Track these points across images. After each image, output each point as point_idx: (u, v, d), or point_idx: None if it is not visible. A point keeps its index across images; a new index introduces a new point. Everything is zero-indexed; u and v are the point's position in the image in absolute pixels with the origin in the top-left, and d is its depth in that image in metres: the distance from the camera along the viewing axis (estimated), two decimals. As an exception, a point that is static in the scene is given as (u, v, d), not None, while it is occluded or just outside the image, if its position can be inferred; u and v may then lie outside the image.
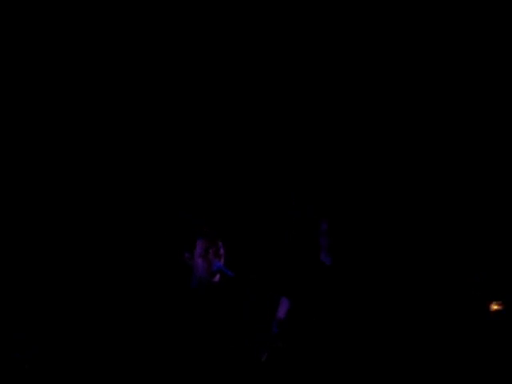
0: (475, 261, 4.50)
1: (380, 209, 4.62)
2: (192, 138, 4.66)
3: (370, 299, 3.97)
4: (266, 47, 4.60)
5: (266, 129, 4.70)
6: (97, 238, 4.45)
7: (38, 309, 4.28)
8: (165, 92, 4.62)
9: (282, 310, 4.08)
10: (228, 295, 3.65)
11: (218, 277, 3.65)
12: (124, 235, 4.50)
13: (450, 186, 4.62)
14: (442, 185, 4.63)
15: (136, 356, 4.01)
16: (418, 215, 4.59)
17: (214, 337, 3.55)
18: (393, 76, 4.64)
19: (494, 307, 4.29)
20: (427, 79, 4.63)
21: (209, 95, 4.65)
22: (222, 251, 3.68)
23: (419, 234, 4.57)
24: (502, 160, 4.57)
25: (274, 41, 4.59)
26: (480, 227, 4.55)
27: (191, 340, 3.56)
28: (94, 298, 4.38)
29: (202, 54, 4.60)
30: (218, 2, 4.51)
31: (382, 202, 4.63)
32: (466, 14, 4.48)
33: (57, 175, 4.48)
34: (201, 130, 4.66)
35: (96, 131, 4.54)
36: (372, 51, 4.60)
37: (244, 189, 4.71)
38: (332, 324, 3.92)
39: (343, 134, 4.70)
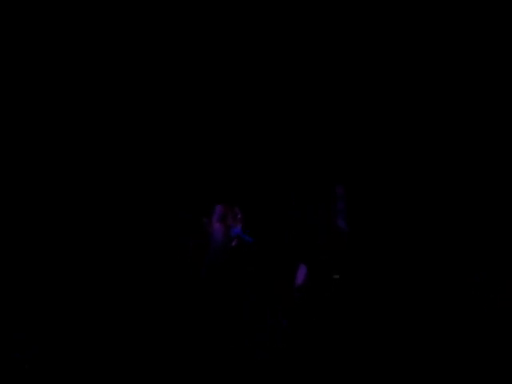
0: (475, 261, 4.50)
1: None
2: (192, 138, 4.66)
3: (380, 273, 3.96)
4: (266, 47, 4.61)
5: (266, 129, 4.70)
6: (97, 237, 4.45)
7: (38, 308, 4.27)
8: (165, 92, 4.62)
9: (300, 277, 4.05)
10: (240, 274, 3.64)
11: (235, 242, 3.63)
12: (125, 226, 4.51)
13: (451, 186, 4.62)
14: (442, 185, 4.63)
15: (136, 355, 4.01)
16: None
17: (219, 329, 3.55)
18: (393, 76, 4.65)
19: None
20: (427, 80, 4.63)
21: (209, 95, 4.65)
22: (239, 216, 3.66)
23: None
24: (502, 160, 4.57)
25: (274, 41, 4.60)
26: (480, 227, 4.55)
27: (192, 337, 3.56)
28: (95, 298, 4.37)
29: (202, 54, 4.61)
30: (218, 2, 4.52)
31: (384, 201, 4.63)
32: (466, 14, 4.48)
33: (57, 175, 4.48)
34: (201, 130, 4.66)
35: (96, 131, 4.54)
36: (372, 51, 4.60)
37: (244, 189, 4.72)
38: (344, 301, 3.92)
39: (343, 134, 4.70)
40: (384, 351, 4.09)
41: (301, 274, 4.05)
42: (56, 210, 4.44)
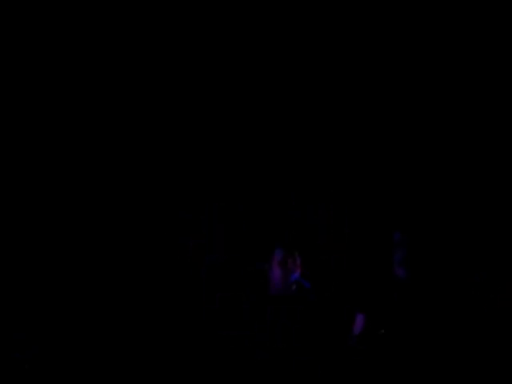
0: (475, 261, 4.50)
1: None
2: (192, 138, 4.66)
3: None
4: (266, 47, 4.60)
5: (267, 129, 4.70)
6: (98, 237, 4.45)
7: (38, 309, 4.27)
8: (166, 93, 4.62)
9: (358, 326, 4.06)
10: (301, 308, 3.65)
11: (294, 288, 3.64)
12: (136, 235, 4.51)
13: (451, 187, 4.62)
14: (442, 185, 4.63)
15: (136, 355, 4.01)
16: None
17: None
18: (393, 76, 4.64)
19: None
20: (427, 80, 4.63)
21: (209, 95, 4.65)
22: (299, 262, 3.65)
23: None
24: (502, 160, 4.57)
25: (274, 41, 4.60)
26: (480, 227, 4.55)
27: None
28: (95, 297, 4.38)
29: (201, 54, 4.61)
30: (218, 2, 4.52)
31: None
32: (465, 14, 4.49)
33: (57, 175, 4.48)
34: (201, 129, 4.66)
35: (96, 131, 4.54)
36: (372, 52, 4.60)
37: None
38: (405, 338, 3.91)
39: (344, 134, 4.70)
40: (384, 351, 4.09)
41: (359, 322, 4.05)
42: (56, 210, 4.44)
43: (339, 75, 4.65)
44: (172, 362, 3.85)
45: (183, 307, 4.16)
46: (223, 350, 3.75)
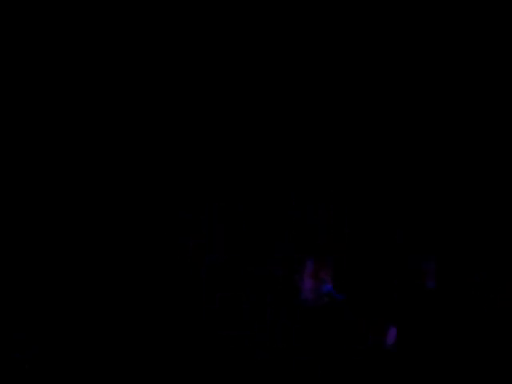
0: (475, 261, 4.50)
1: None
2: (192, 138, 4.66)
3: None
4: (266, 47, 4.61)
5: (267, 129, 4.70)
6: (98, 237, 4.45)
7: (38, 309, 4.27)
8: (165, 92, 4.62)
9: (391, 339, 4.04)
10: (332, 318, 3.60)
11: (325, 300, 3.58)
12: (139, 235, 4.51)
13: (451, 187, 4.63)
14: (442, 186, 4.63)
15: (136, 355, 4.01)
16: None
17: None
18: (393, 77, 4.65)
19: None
20: (427, 80, 4.63)
21: (209, 95, 4.65)
22: (331, 273, 3.60)
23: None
24: (502, 160, 4.57)
25: (274, 41, 4.60)
26: (480, 227, 4.55)
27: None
28: (95, 298, 4.38)
29: (202, 54, 4.61)
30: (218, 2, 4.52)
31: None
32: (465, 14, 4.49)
33: (56, 175, 4.48)
34: (200, 129, 4.66)
35: (96, 132, 4.54)
36: (372, 52, 4.60)
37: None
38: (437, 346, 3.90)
39: (344, 134, 4.71)
40: (384, 351, 4.09)
41: (391, 334, 4.03)
42: (56, 210, 4.44)
43: (339, 75, 4.65)
44: (172, 361, 3.85)
45: (183, 307, 4.16)
46: (223, 350, 3.75)
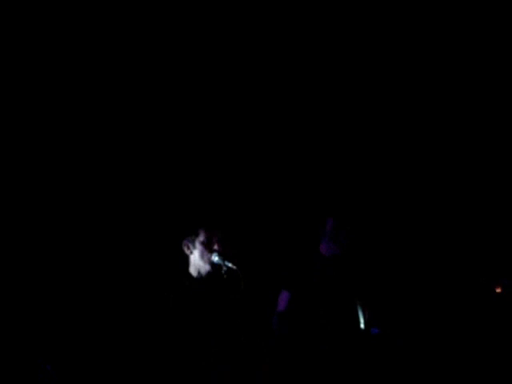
0: (477, 262, 4.53)
1: (382, 206, 4.63)
2: (193, 140, 4.67)
3: (371, 292, 3.97)
4: (266, 48, 4.62)
5: (267, 130, 4.71)
6: (98, 239, 4.46)
7: (39, 308, 4.28)
8: (165, 93, 4.63)
9: (282, 304, 4.05)
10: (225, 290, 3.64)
11: (216, 269, 3.64)
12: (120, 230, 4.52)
13: (451, 188, 4.65)
14: (442, 187, 4.65)
15: (136, 356, 4.02)
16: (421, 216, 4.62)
17: (212, 335, 3.55)
18: (393, 77, 4.67)
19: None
20: (427, 80, 4.65)
21: (209, 96, 4.66)
22: (221, 243, 3.65)
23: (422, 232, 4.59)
24: (501, 160, 4.59)
25: (274, 41, 4.61)
26: (480, 228, 4.57)
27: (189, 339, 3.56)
28: (95, 300, 4.39)
29: (201, 55, 4.62)
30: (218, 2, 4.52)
31: (383, 201, 4.64)
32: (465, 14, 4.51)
33: (56, 177, 4.48)
34: (202, 131, 4.67)
35: (96, 133, 4.55)
36: (372, 52, 4.62)
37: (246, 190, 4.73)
38: (332, 319, 3.91)
39: (344, 135, 4.72)
40: (383, 352, 4.11)
41: (283, 299, 4.04)
42: (57, 214, 4.44)
43: (339, 76, 4.67)
44: (172, 361, 3.85)
45: (183, 307, 4.16)
46: (223, 349, 3.76)
